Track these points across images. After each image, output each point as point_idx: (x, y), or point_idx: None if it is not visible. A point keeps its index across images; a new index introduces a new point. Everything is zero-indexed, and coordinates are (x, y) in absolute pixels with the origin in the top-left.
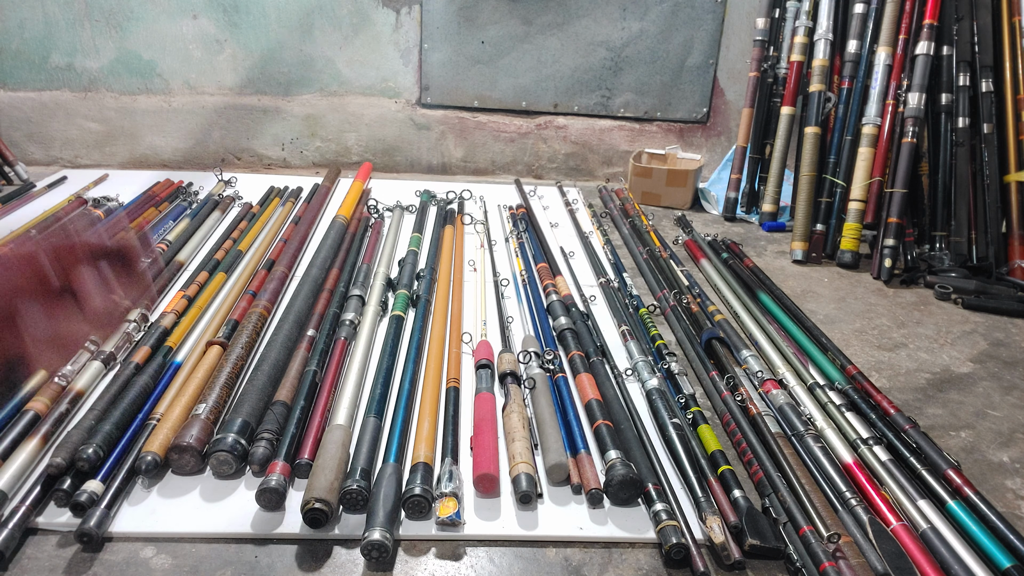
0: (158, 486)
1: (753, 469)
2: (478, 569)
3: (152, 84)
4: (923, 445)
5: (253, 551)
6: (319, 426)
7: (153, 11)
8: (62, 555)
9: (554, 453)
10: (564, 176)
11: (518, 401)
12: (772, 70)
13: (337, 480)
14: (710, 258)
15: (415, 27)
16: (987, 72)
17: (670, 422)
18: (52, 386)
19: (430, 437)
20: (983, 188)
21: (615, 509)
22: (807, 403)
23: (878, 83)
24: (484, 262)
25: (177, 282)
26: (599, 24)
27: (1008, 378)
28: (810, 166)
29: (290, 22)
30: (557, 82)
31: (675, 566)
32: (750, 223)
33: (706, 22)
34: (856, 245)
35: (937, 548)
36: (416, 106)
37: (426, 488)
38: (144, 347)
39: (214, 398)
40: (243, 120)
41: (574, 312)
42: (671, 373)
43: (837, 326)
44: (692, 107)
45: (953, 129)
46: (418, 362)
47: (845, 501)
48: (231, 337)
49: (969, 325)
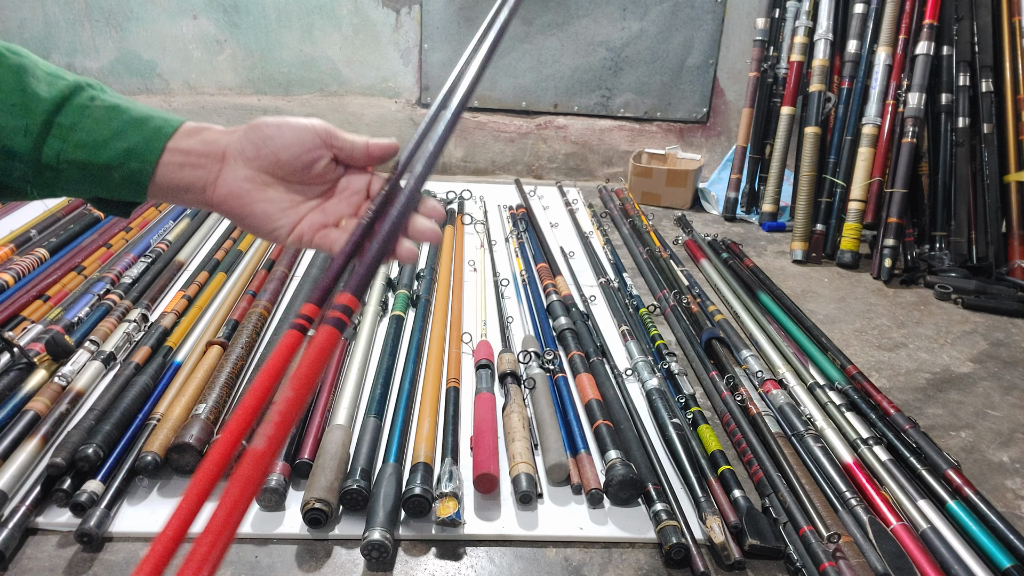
0: (158, 486)
1: (753, 469)
2: (478, 569)
3: (152, 84)
4: (923, 445)
5: (253, 551)
6: (319, 426)
7: (153, 11)
8: (62, 555)
9: (554, 453)
10: (564, 176)
11: (518, 401)
12: (772, 70)
13: (337, 480)
14: (710, 258)
15: (415, 27)
16: (987, 72)
17: (670, 422)
18: (52, 386)
19: (430, 437)
20: (983, 188)
21: (615, 509)
22: (807, 403)
23: (878, 83)
24: (484, 262)
25: (177, 282)
26: (599, 24)
27: (1008, 378)
28: (810, 166)
29: (290, 22)
30: (557, 82)
31: (675, 566)
32: (750, 223)
33: (706, 22)
34: (856, 245)
35: (937, 548)
36: (416, 106)
37: (426, 488)
38: (144, 347)
39: (214, 398)
40: (243, 120)
41: (574, 312)
42: (671, 373)
43: (837, 326)
44: (692, 107)
45: (953, 129)
46: (418, 362)
47: (845, 501)
48: (231, 337)
49: (969, 325)
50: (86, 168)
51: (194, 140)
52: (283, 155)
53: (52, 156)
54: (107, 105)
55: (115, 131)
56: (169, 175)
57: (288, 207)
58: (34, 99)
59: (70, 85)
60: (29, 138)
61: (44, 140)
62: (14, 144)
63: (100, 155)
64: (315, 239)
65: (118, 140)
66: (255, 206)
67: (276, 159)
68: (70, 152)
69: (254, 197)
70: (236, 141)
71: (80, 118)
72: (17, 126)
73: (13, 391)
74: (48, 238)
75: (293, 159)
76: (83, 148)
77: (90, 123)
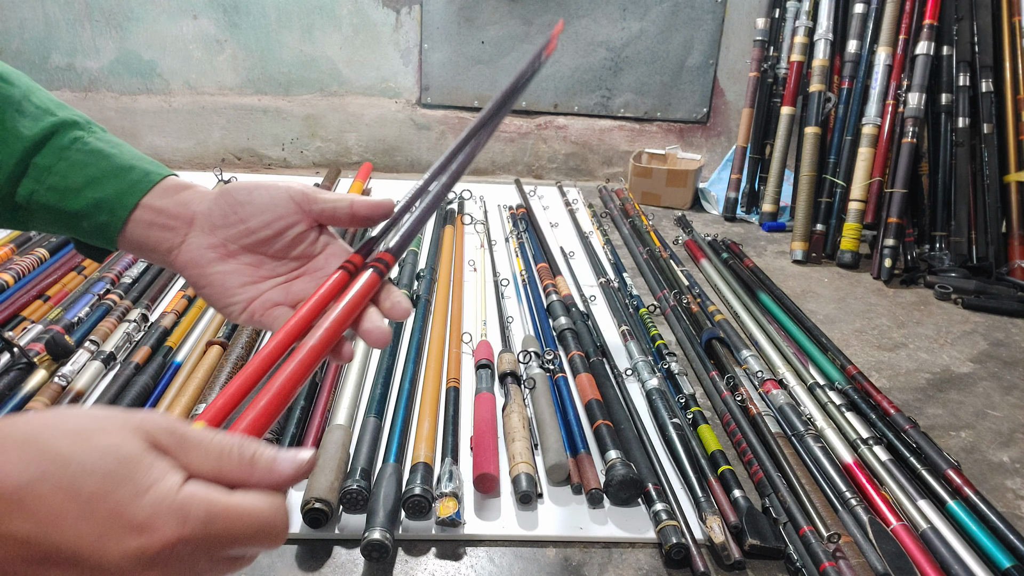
0: None
1: (753, 469)
2: (478, 569)
3: (152, 84)
4: (923, 445)
5: None
6: (319, 426)
7: (153, 11)
8: None
9: (554, 453)
10: (564, 176)
11: (518, 401)
12: (772, 70)
13: (337, 480)
14: (710, 258)
15: (415, 27)
16: (987, 72)
17: (670, 422)
18: (52, 386)
19: (430, 437)
20: (983, 188)
21: (615, 509)
22: (807, 403)
23: (878, 83)
24: (484, 262)
25: (177, 282)
26: (599, 24)
27: (1008, 378)
28: (810, 166)
29: (290, 22)
30: (557, 82)
31: (675, 566)
32: (750, 223)
33: (706, 22)
34: (856, 245)
35: (937, 548)
36: (416, 106)
37: (426, 488)
38: (144, 347)
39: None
40: (243, 120)
41: (574, 312)
42: (671, 373)
43: (837, 326)
44: (692, 107)
45: (953, 129)
46: (418, 362)
47: (845, 501)
48: (231, 337)
49: (969, 325)
50: (56, 213)
51: (168, 200)
52: (252, 222)
53: (24, 196)
54: (89, 149)
55: (89, 179)
56: (137, 232)
57: (249, 282)
58: (12, 135)
59: (55, 123)
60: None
61: (19, 180)
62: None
63: (70, 203)
64: (263, 317)
65: (90, 190)
66: (213, 277)
67: (245, 227)
68: (42, 195)
69: (215, 268)
70: (206, 206)
71: (56, 161)
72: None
73: (13, 391)
74: (48, 238)
75: (263, 226)
76: (54, 192)
77: (65, 167)
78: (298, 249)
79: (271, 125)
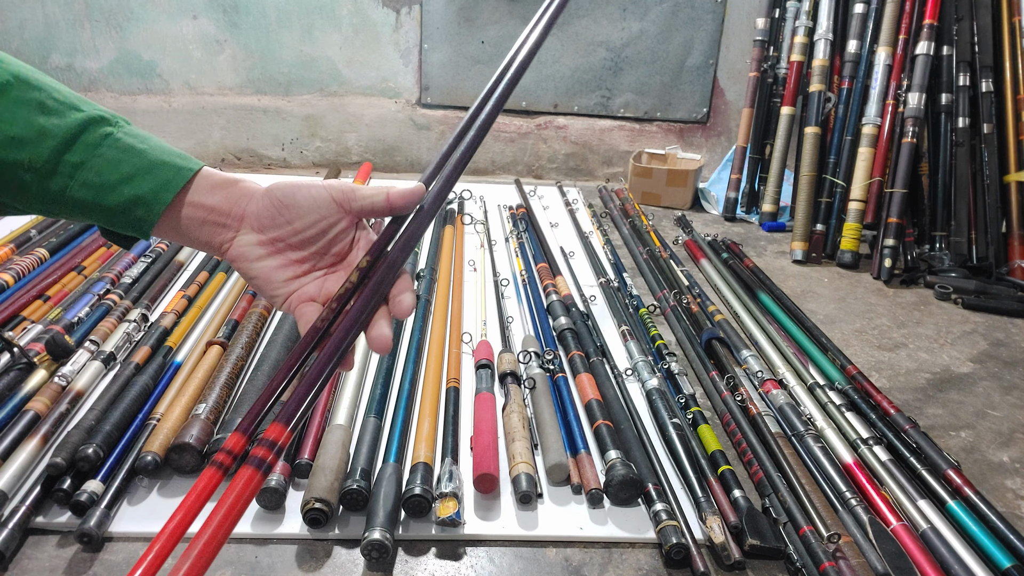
0: (158, 486)
1: (753, 469)
2: (478, 569)
3: (152, 84)
4: (923, 445)
5: (253, 551)
6: (319, 426)
7: (153, 11)
8: (62, 555)
9: (554, 453)
10: (564, 176)
11: (518, 401)
12: (772, 70)
13: (337, 480)
14: (710, 258)
15: (415, 27)
16: (987, 72)
17: (670, 422)
18: (52, 386)
19: (430, 437)
20: (983, 188)
21: (615, 509)
22: (807, 403)
23: (878, 83)
24: (484, 262)
25: (177, 282)
26: (599, 24)
27: (1008, 378)
28: (810, 166)
29: (290, 22)
30: (557, 82)
31: (675, 566)
32: (750, 223)
33: (706, 22)
34: (856, 245)
35: (937, 548)
36: (416, 106)
37: (426, 488)
38: (144, 347)
39: (214, 398)
40: (243, 120)
41: (574, 312)
42: (671, 373)
43: (837, 326)
44: (692, 107)
45: (953, 129)
46: (418, 362)
47: (845, 501)
48: (231, 337)
49: (969, 325)
50: (90, 207)
51: (219, 197)
52: (298, 223)
53: (57, 192)
54: (120, 146)
55: (124, 176)
56: (186, 226)
57: (292, 276)
58: (40, 133)
59: (83, 120)
60: (34, 173)
61: (50, 176)
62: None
63: (106, 198)
64: (296, 310)
65: (126, 186)
66: (261, 270)
67: (292, 228)
68: (75, 190)
69: (264, 263)
70: (255, 206)
71: (88, 157)
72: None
73: (13, 391)
74: (48, 238)
75: (308, 226)
76: (88, 188)
77: (99, 163)
78: (338, 246)
79: (271, 125)
